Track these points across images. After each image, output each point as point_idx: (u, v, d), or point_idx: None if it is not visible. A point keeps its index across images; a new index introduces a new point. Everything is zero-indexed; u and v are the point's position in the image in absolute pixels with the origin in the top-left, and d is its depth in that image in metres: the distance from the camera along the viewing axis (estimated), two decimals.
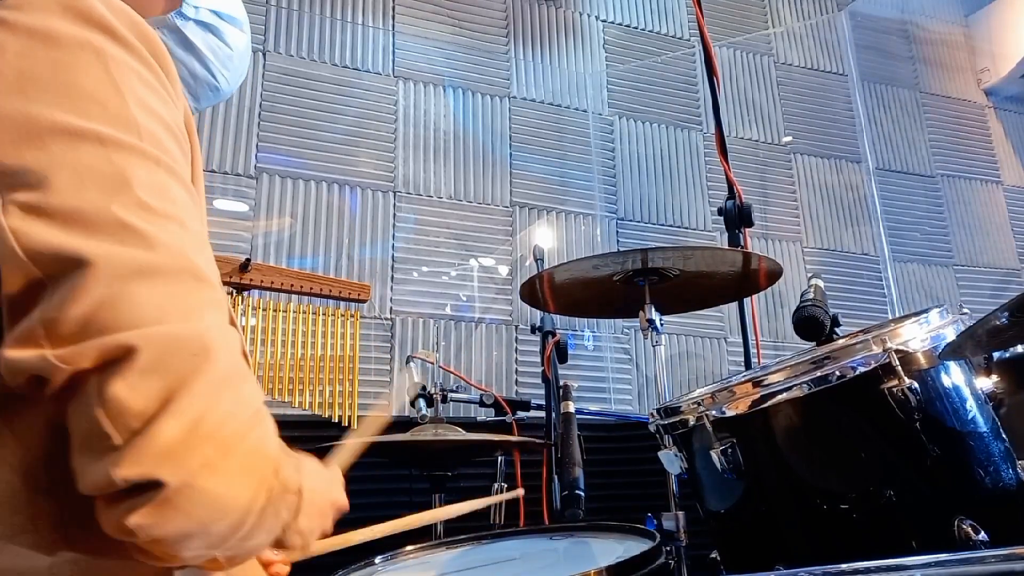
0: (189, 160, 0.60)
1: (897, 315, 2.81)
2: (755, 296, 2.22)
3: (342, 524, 0.81)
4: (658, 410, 1.39)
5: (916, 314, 1.24)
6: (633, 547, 0.98)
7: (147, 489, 0.46)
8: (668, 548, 1.33)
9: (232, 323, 0.57)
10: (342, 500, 0.71)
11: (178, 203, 0.53)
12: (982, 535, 1.03)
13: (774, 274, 1.71)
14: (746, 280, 1.80)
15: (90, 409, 0.47)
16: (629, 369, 2.72)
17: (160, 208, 0.51)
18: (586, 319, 2.67)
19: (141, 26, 0.57)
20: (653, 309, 1.59)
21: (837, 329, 1.38)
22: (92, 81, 0.52)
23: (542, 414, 1.90)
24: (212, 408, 0.48)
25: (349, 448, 0.81)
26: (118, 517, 0.47)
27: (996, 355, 1.43)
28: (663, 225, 2.93)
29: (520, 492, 1.34)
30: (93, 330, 0.46)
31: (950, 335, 1.17)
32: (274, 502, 0.53)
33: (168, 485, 0.46)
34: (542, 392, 1.89)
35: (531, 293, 1.74)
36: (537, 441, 1.74)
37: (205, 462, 0.48)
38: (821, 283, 1.47)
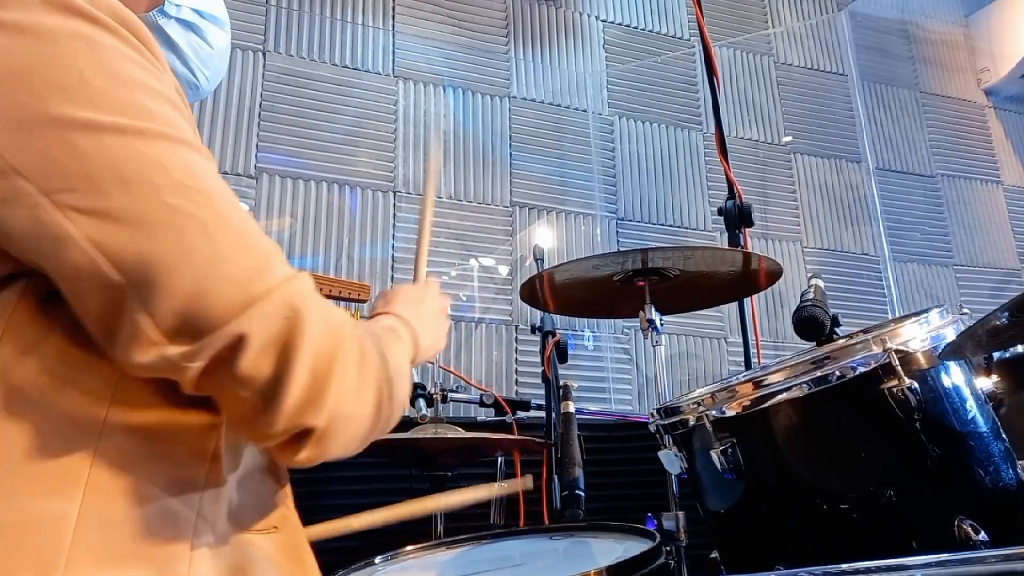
0: (194, 127, 0.61)
1: (897, 315, 2.81)
2: (755, 296, 2.22)
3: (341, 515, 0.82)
4: (658, 410, 1.39)
5: (916, 314, 1.24)
6: (633, 547, 0.98)
7: (303, 435, 0.56)
8: (668, 548, 1.33)
9: None
10: (445, 303, 0.91)
11: (207, 174, 0.56)
12: (982, 535, 1.03)
13: (774, 274, 1.71)
14: (746, 280, 1.80)
15: (230, 390, 0.54)
16: (629, 369, 2.72)
17: (196, 185, 0.54)
18: (586, 319, 2.67)
19: (120, 10, 0.57)
20: (653, 309, 1.59)
21: (837, 329, 1.38)
22: (92, 72, 0.52)
23: (542, 414, 1.90)
24: (320, 353, 0.56)
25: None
26: (289, 456, 0.58)
27: (996, 355, 1.43)
28: (663, 225, 2.93)
29: (528, 480, 1.32)
30: (199, 324, 0.52)
31: (950, 335, 1.17)
32: (394, 377, 0.64)
33: (316, 427, 0.56)
34: (542, 392, 1.89)
35: (531, 293, 1.74)
36: (537, 441, 1.74)
37: (334, 399, 0.56)
38: (821, 283, 1.47)
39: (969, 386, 1.17)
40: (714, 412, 1.23)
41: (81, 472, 0.52)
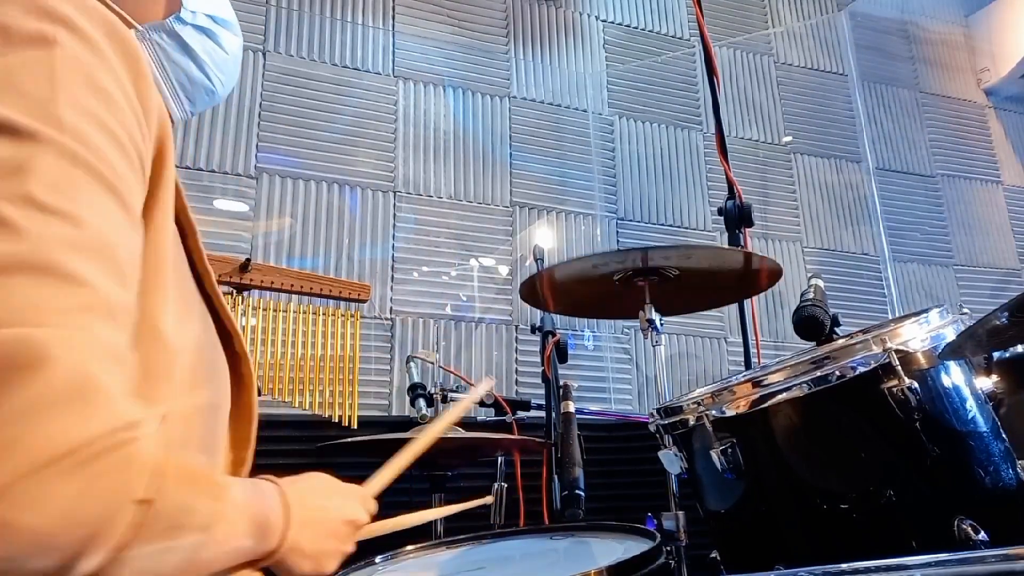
0: (141, 167, 0.56)
1: (897, 315, 2.81)
2: (755, 296, 2.22)
3: None
4: (658, 410, 1.39)
5: (916, 314, 1.24)
6: (633, 547, 0.98)
7: None
8: (668, 548, 1.33)
9: (224, 315, 0.55)
10: (358, 515, 0.68)
11: (80, 202, 0.49)
12: (982, 535, 1.03)
13: (774, 274, 1.71)
14: (746, 280, 1.80)
15: None
16: (629, 369, 2.72)
17: (51, 203, 0.47)
18: (586, 319, 2.67)
19: (112, 25, 0.55)
20: (653, 309, 1.59)
21: (837, 329, 1.38)
22: (30, 75, 0.50)
23: (542, 414, 1.90)
24: (32, 429, 0.41)
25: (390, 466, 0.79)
26: None
27: (996, 355, 1.43)
28: (663, 225, 2.93)
29: (489, 500, 1.21)
30: None
31: (950, 335, 1.17)
32: (156, 520, 0.47)
33: None
34: (542, 392, 1.89)
35: (531, 293, 1.74)
36: (537, 441, 1.74)
37: (14, 492, 0.41)
38: (821, 283, 1.47)
39: (969, 386, 1.17)
40: (714, 412, 1.23)
41: None
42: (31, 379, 0.42)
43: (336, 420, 1.87)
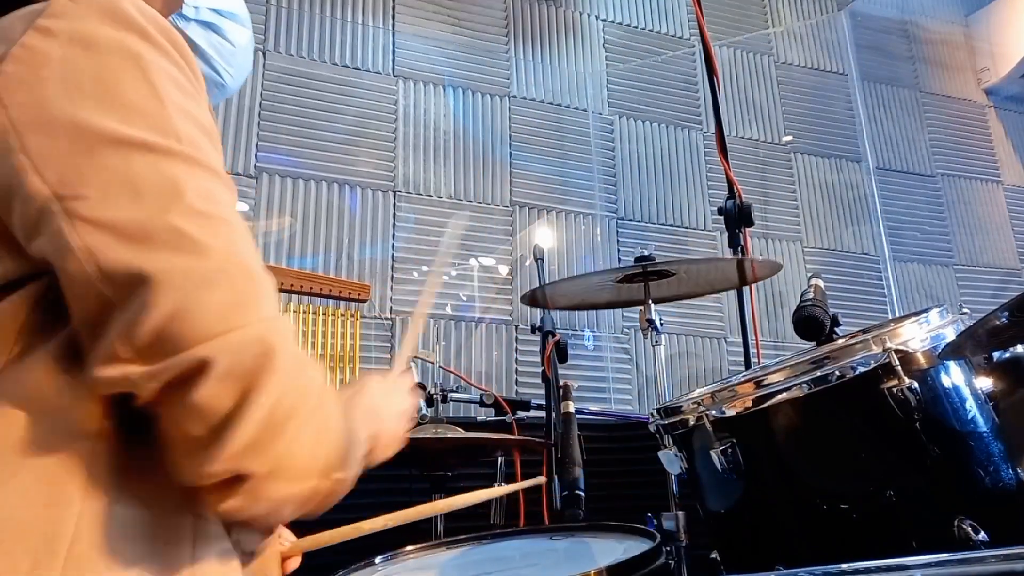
0: (221, 154, 0.61)
1: (897, 315, 2.81)
2: (755, 296, 2.22)
3: (340, 521, 0.82)
4: (658, 410, 1.39)
5: (916, 314, 1.24)
6: (633, 547, 0.98)
7: (236, 481, 0.52)
8: (668, 548, 1.33)
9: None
10: (408, 403, 0.80)
11: (223, 203, 0.55)
12: (982, 535, 1.03)
13: (774, 267, 1.71)
14: (744, 275, 1.80)
15: (177, 415, 0.51)
16: (629, 369, 2.72)
17: (210, 211, 0.53)
18: (586, 319, 2.67)
19: (170, 30, 0.58)
20: (653, 309, 1.59)
21: (837, 329, 1.38)
22: (133, 87, 0.53)
23: (542, 414, 1.89)
24: (282, 399, 0.53)
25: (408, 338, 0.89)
26: (215, 503, 0.53)
27: (996, 355, 1.43)
28: (663, 225, 2.93)
29: (542, 479, 1.30)
30: (169, 345, 0.50)
31: (950, 335, 1.17)
32: (349, 461, 0.59)
33: (254, 475, 0.52)
34: (542, 392, 1.89)
35: (531, 296, 1.75)
36: (537, 441, 1.74)
37: (283, 450, 0.53)
38: (821, 283, 1.47)
39: (969, 386, 1.17)
40: (714, 412, 1.23)
41: (81, 473, 0.53)
42: (276, 361, 0.52)
43: None
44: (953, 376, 1.16)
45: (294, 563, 0.83)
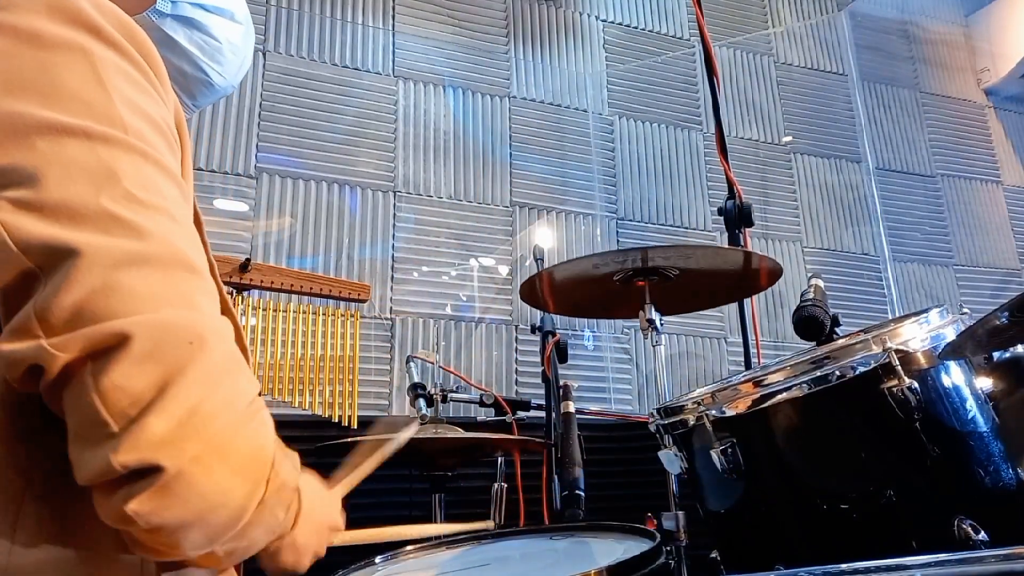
0: (179, 157, 0.60)
1: (897, 315, 2.81)
2: (755, 296, 2.22)
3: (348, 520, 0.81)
4: (658, 410, 1.39)
5: (916, 314, 1.24)
6: (633, 547, 0.98)
7: (146, 475, 0.47)
8: (668, 548, 1.33)
9: (227, 312, 0.57)
10: (338, 521, 0.70)
11: (167, 196, 0.54)
12: (982, 535, 1.03)
13: (774, 273, 1.71)
14: (746, 280, 1.80)
15: (86, 397, 0.47)
16: (629, 369, 2.72)
17: (148, 200, 0.52)
18: (586, 319, 2.67)
19: (129, 25, 0.57)
20: (653, 309, 1.59)
21: (837, 329, 1.38)
22: (77, 80, 0.53)
23: (542, 414, 1.90)
24: (208, 397, 0.49)
25: (356, 469, 0.78)
26: (117, 504, 0.47)
27: (996, 355, 1.43)
28: (663, 225, 2.93)
29: (491, 524, 1.26)
30: (86, 318, 0.47)
31: (950, 335, 1.17)
32: (273, 496, 0.53)
33: (167, 471, 0.47)
34: (542, 392, 1.89)
35: (531, 293, 1.74)
36: (537, 441, 1.74)
37: (202, 450, 0.48)
38: (821, 283, 1.47)
39: (969, 386, 1.17)
40: (714, 412, 1.23)
41: (16, 506, 0.50)
42: (206, 354, 0.49)
43: (336, 420, 1.87)
44: (953, 376, 1.16)
45: None
